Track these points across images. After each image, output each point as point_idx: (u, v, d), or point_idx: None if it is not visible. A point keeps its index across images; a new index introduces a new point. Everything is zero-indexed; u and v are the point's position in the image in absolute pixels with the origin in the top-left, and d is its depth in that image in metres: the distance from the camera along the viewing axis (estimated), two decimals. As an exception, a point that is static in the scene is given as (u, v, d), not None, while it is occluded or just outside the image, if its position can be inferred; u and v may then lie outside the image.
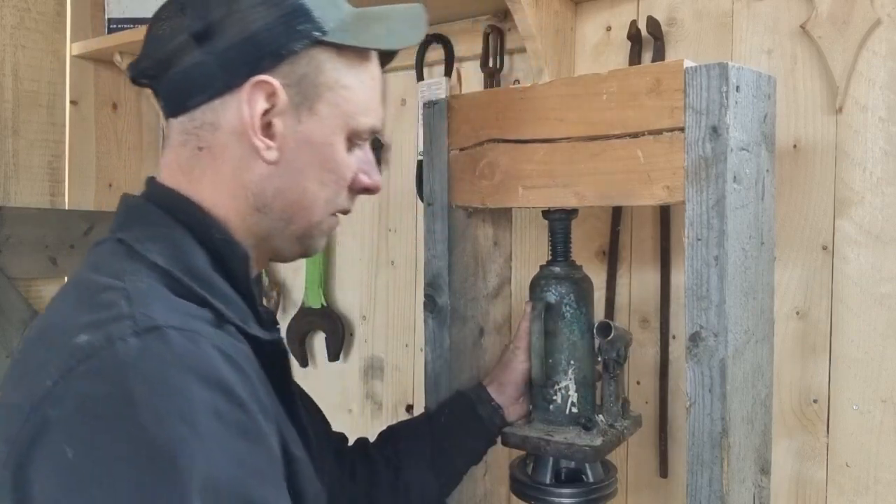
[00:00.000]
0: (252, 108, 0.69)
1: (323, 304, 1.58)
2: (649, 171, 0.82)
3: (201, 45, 0.69)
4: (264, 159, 0.70)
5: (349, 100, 0.72)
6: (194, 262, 0.67)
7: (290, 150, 0.71)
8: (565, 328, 0.96)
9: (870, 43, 0.98)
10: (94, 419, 0.53)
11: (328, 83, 0.71)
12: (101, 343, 0.55)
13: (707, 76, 0.77)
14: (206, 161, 0.71)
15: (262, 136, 0.70)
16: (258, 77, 0.68)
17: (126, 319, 0.57)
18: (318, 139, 0.72)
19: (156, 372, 0.54)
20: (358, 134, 0.74)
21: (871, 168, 0.98)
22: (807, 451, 1.04)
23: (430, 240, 1.03)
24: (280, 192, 0.72)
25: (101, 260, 0.68)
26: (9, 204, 1.61)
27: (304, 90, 0.70)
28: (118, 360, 0.54)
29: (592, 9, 1.22)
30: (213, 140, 0.71)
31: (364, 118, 0.74)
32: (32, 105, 1.67)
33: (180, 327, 0.58)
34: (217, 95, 0.70)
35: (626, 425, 0.96)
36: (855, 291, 1.00)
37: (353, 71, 0.73)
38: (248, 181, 0.71)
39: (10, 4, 1.62)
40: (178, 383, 0.54)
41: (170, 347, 0.56)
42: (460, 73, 1.38)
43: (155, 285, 0.63)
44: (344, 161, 0.74)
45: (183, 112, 0.72)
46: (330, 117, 0.72)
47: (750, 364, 0.83)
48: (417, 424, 0.99)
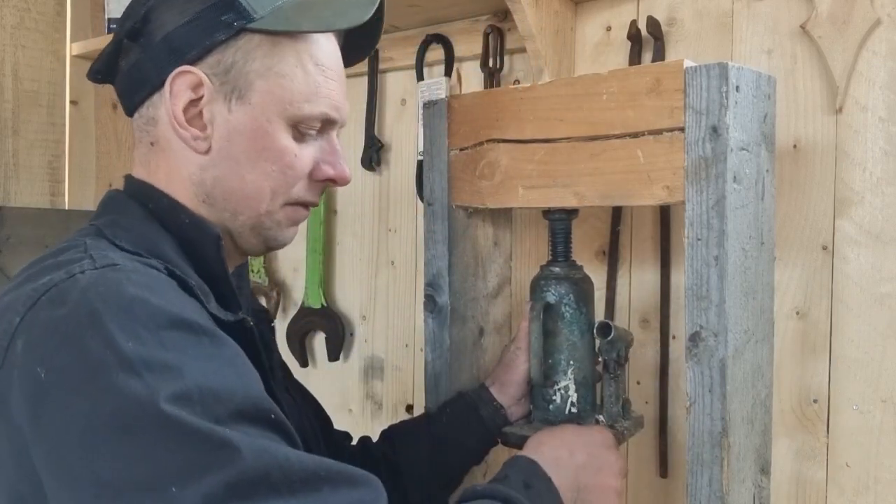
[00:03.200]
0: (175, 98, 0.69)
1: (323, 304, 1.58)
2: (649, 171, 0.82)
3: (137, 42, 0.71)
4: (194, 149, 0.71)
5: (286, 87, 0.71)
6: (161, 247, 0.68)
7: (221, 139, 0.71)
8: (565, 328, 0.96)
9: (870, 43, 0.98)
10: (61, 338, 0.55)
11: (259, 70, 0.70)
12: (61, 278, 0.59)
13: (707, 76, 0.77)
14: (158, 155, 0.73)
15: (188, 126, 0.70)
16: (179, 68, 0.69)
17: (85, 260, 0.61)
18: (250, 128, 0.71)
19: (113, 290, 0.57)
20: (303, 122, 0.72)
21: (871, 168, 0.98)
22: (807, 451, 1.03)
23: (430, 240, 1.03)
24: (219, 182, 0.72)
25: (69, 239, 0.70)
26: (9, 204, 1.62)
27: (232, 79, 0.70)
28: (77, 286, 0.57)
29: (592, 9, 1.22)
30: (158, 134, 0.72)
31: (307, 105, 0.72)
32: (32, 105, 1.67)
33: (135, 268, 0.61)
34: (154, 91, 0.71)
35: (626, 426, 0.96)
36: (855, 291, 1.00)
37: (290, 57, 0.71)
38: (189, 173, 0.72)
39: (10, 4, 1.62)
40: (135, 294, 0.57)
41: (126, 275, 0.59)
42: (460, 73, 1.38)
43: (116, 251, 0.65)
44: (287, 150, 0.72)
45: (134, 110, 0.74)
46: (263, 104, 0.70)
47: (750, 364, 0.83)
48: (418, 425, 0.99)
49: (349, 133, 1.56)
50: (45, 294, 0.58)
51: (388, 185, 1.50)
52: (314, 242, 1.57)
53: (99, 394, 0.53)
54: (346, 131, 1.56)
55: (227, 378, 0.57)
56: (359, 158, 1.50)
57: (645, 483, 1.17)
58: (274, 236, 0.77)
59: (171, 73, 0.69)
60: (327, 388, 1.58)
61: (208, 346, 0.58)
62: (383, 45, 1.45)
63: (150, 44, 0.70)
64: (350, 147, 1.55)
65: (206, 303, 0.67)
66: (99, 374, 0.53)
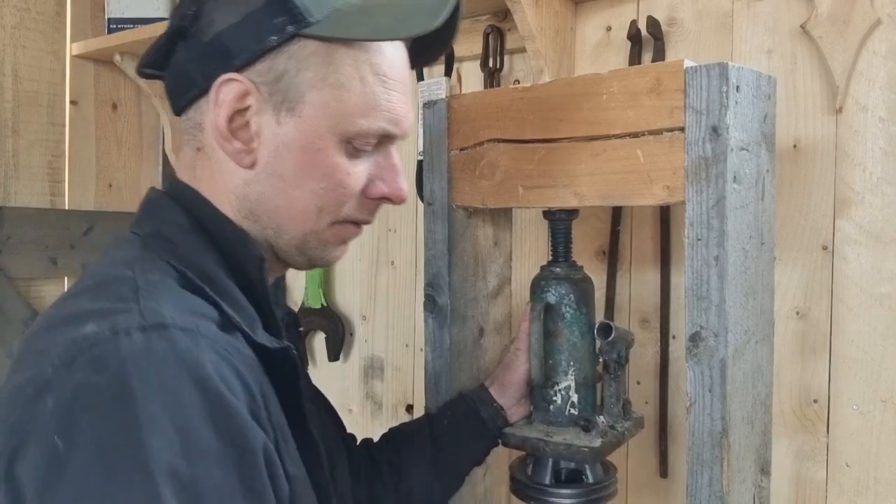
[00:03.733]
0: (219, 109, 0.64)
1: (323, 304, 1.58)
2: (649, 171, 0.82)
3: (185, 41, 0.66)
4: (239, 164, 0.66)
5: (341, 100, 0.65)
6: (205, 263, 0.64)
7: (269, 154, 0.66)
8: (565, 329, 0.96)
9: (870, 43, 0.98)
10: (90, 414, 0.51)
11: (312, 81, 0.64)
12: (105, 334, 0.54)
13: (707, 76, 0.77)
14: (203, 161, 0.69)
15: (233, 138, 0.65)
16: (226, 76, 0.64)
17: (133, 312, 0.55)
18: (300, 143, 0.65)
19: (155, 372, 0.53)
20: (358, 137, 0.67)
21: (871, 168, 0.98)
22: (807, 451, 1.03)
23: (430, 240, 1.03)
24: (264, 199, 0.67)
25: (115, 252, 0.67)
26: (9, 204, 1.61)
27: (283, 88, 0.64)
28: (119, 355, 0.53)
29: (592, 9, 1.22)
30: (204, 141, 0.68)
31: (363, 120, 0.66)
32: (32, 105, 1.67)
33: (185, 327, 0.56)
34: (201, 95, 0.66)
35: (626, 426, 0.96)
36: (855, 291, 1.00)
37: (348, 66, 0.65)
38: (233, 186, 0.68)
39: (10, 4, 1.62)
40: (174, 385, 0.53)
41: (172, 347, 0.54)
42: (460, 73, 1.38)
43: (165, 279, 0.61)
44: (338, 167, 0.67)
45: (181, 111, 0.70)
46: (315, 118, 0.65)
47: (750, 364, 0.83)
48: (419, 427, 0.99)
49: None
50: (86, 352, 0.53)
51: (388, 185, 1.50)
52: (314, 242, 1.57)
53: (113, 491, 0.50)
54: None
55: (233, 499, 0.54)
56: (359, 158, 1.50)
57: (645, 483, 1.17)
58: (320, 255, 0.72)
59: (217, 81, 0.64)
60: (327, 388, 1.57)
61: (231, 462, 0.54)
62: (383, 45, 1.45)
63: (197, 44, 0.65)
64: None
65: (254, 333, 0.64)
66: (117, 469, 0.50)
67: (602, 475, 0.96)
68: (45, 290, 1.66)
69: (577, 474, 0.96)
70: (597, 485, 0.95)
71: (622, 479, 1.11)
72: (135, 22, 1.60)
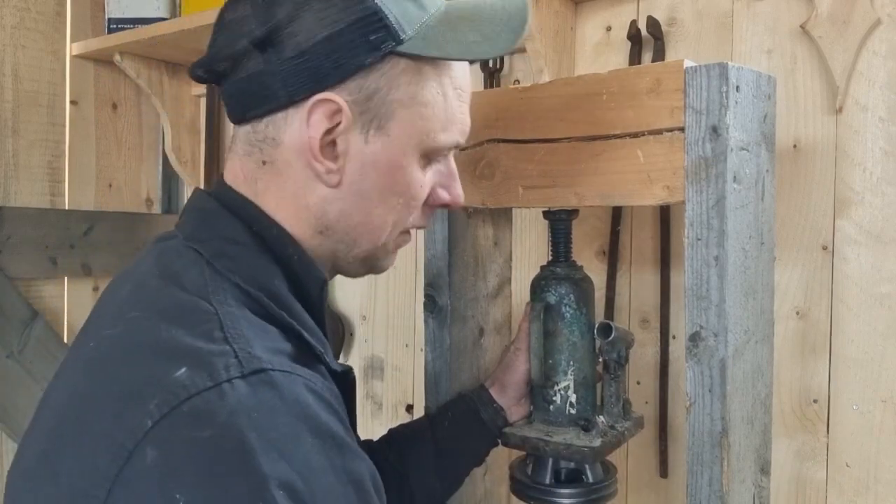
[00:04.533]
0: (312, 129, 0.63)
1: (323, 304, 1.57)
2: (649, 171, 0.82)
3: (264, 52, 0.62)
4: (325, 183, 0.65)
5: (427, 117, 0.65)
6: (273, 285, 0.62)
7: (354, 172, 0.65)
8: (565, 329, 0.96)
9: (870, 43, 0.98)
10: (207, 470, 0.49)
11: (402, 100, 0.64)
12: (204, 383, 0.51)
13: (707, 76, 0.77)
14: (270, 176, 0.66)
15: (322, 158, 0.64)
16: (321, 95, 0.62)
17: (229, 357, 0.53)
18: (385, 162, 0.65)
19: (267, 420, 0.51)
20: (436, 151, 0.68)
21: (871, 168, 0.98)
22: (807, 451, 1.03)
23: (430, 240, 1.03)
24: (344, 216, 0.66)
25: (176, 267, 0.63)
26: (9, 204, 1.61)
27: (374, 107, 0.63)
28: (228, 406, 0.51)
29: (592, 9, 1.22)
30: (276, 156, 0.65)
31: (443, 135, 0.67)
32: (32, 105, 1.67)
33: (283, 370, 0.55)
34: (279, 109, 0.64)
35: (626, 426, 0.96)
36: (855, 291, 1.00)
37: (433, 82, 0.65)
38: (310, 203, 0.66)
39: (10, 4, 1.62)
40: (290, 432, 0.52)
41: (278, 393, 0.53)
42: (460, 73, 1.38)
43: (243, 310, 0.59)
44: (417, 182, 0.67)
45: (246, 121, 0.67)
46: (402, 137, 0.64)
47: (750, 364, 0.83)
48: (420, 428, 0.99)
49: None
50: (185, 402, 0.50)
51: (388, 185, 1.50)
52: (314, 242, 1.57)
53: None
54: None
55: None
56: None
57: (645, 483, 1.17)
58: (382, 265, 0.73)
59: (311, 100, 0.62)
60: (327, 388, 1.58)
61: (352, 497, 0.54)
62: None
63: (279, 57, 0.62)
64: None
65: (327, 358, 0.63)
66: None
67: (602, 475, 0.96)
68: (44, 290, 1.66)
69: (577, 474, 0.96)
70: (597, 485, 0.95)
71: (622, 479, 1.11)
72: (135, 22, 1.60)
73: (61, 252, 1.67)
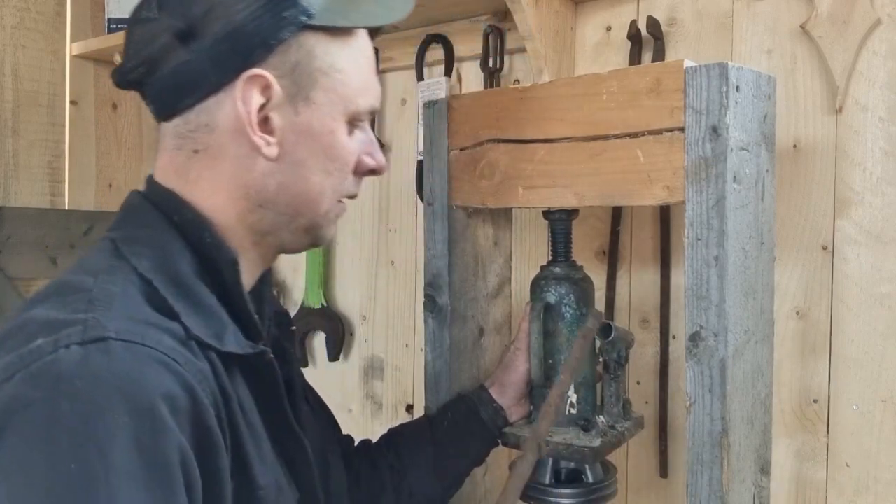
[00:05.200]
0: (248, 105, 0.66)
1: (323, 304, 1.57)
2: (649, 171, 0.82)
3: (186, 43, 0.66)
4: (265, 156, 0.68)
5: (345, 83, 0.70)
6: (179, 267, 0.65)
7: (290, 144, 0.69)
8: (565, 328, 0.96)
9: (870, 43, 0.98)
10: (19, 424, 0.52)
11: (322, 68, 0.69)
12: (48, 350, 0.55)
13: (707, 76, 0.77)
14: (204, 163, 0.69)
15: (260, 132, 0.68)
16: (250, 71, 0.66)
17: (78, 325, 0.56)
18: (317, 128, 0.69)
19: (86, 391, 0.53)
20: (358, 115, 0.72)
21: (871, 168, 0.98)
22: (807, 451, 1.03)
23: (430, 240, 1.03)
24: (284, 187, 0.70)
25: (88, 257, 0.67)
26: (9, 204, 1.61)
27: (298, 79, 0.68)
28: (56, 372, 0.54)
29: (592, 9, 1.22)
30: (210, 141, 0.69)
31: (362, 99, 0.72)
32: (32, 105, 1.67)
33: (127, 339, 0.57)
34: (209, 95, 0.67)
35: (626, 426, 0.96)
36: (855, 291, 1.00)
37: (345, 52, 0.70)
38: (248, 180, 0.69)
39: (10, 4, 1.62)
40: (104, 404, 0.53)
41: (108, 363, 0.55)
42: (460, 73, 1.38)
43: (127, 289, 0.62)
44: (346, 146, 0.72)
45: (175, 115, 0.70)
46: (328, 104, 0.69)
47: (750, 364, 0.83)
48: (419, 428, 0.99)
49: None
50: (26, 367, 0.54)
51: (388, 185, 1.50)
52: (314, 242, 1.57)
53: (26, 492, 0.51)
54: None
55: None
56: (359, 158, 1.50)
57: (645, 483, 1.17)
58: (323, 235, 0.76)
59: (242, 77, 0.66)
60: (327, 388, 1.57)
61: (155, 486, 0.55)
62: (383, 45, 1.45)
63: (203, 45, 0.66)
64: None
65: (222, 341, 0.64)
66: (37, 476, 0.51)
67: (602, 475, 0.96)
68: (45, 290, 1.66)
69: (577, 474, 0.96)
70: (597, 485, 0.95)
71: (622, 479, 1.11)
72: (135, 22, 1.60)
73: (61, 252, 1.67)
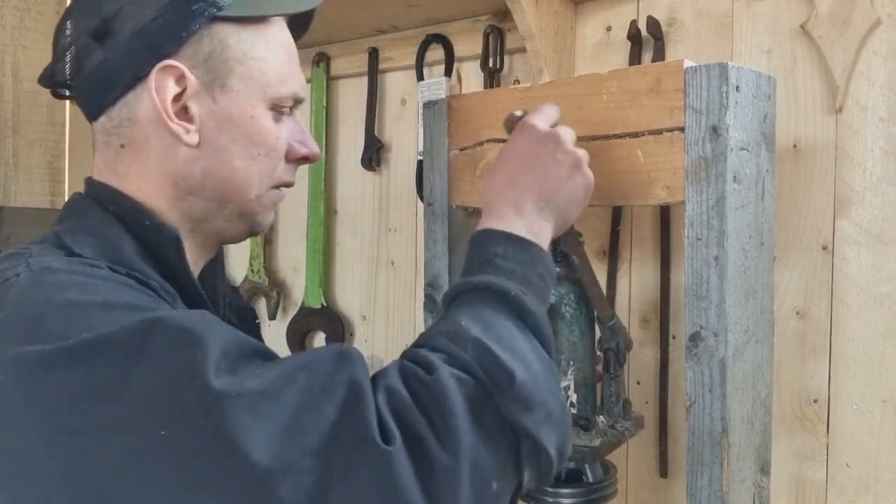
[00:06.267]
0: (162, 95, 0.69)
1: (323, 304, 1.58)
2: (649, 171, 0.82)
3: (102, 42, 0.69)
4: (186, 143, 0.70)
5: (263, 70, 0.72)
6: (122, 250, 0.68)
7: (210, 131, 0.71)
8: (565, 328, 0.96)
9: (870, 43, 0.98)
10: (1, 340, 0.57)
11: (236, 57, 0.71)
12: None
13: (707, 76, 0.77)
14: (130, 156, 0.72)
15: (178, 120, 0.70)
16: (162, 63, 0.68)
17: (21, 265, 0.62)
18: (237, 114, 0.71)
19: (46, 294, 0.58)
20: (280, 102, 0.74)
21: (871, 168, 0.98)
22: (807, 451, 1.04)
23: (430, 240, 1.03)
24: (209, 173, 0.72)
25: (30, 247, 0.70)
26: (9, 204, 1.62)
27: (212, 68, 0.70)
28: (14, 291, 0.59)
29: (592, 9, 1.22)
30: (133, 135, 0.71)
31: (282, 86, 0.74)
32: (32, 105, 1.67)
33: (70, 270, 0.61)
34: (128, 90, 0.70)
35: (626, 426, 0.96)
36: (855, 291, 1.00)
37: (260, 41, 0.73)
38: (173, 168, 0.71)
39: (10, 4, 1.62)
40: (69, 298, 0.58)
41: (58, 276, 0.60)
42: (460, 73, 1.38)
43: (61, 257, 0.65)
44: (271, 132, 0.74)
45: (100, 113, 0.72)
46: (245, 91, 0.71)
47: (750, 364, 0.83)
48: None
49: (349, 133, 1.56)
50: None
51: (388, 185, 1.50)
52: (314, 242, 1.57)
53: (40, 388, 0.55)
54: (346, 131, 1.56)
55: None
56: (359, 158, 1.50)
57: (645, 483, 1.17)
58: (260, 221, 0.77)
59: (154, 69, 0.68)
60: (327, 388, 1.58)
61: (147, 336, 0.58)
62: (383, 46, 1.46)
63: (117, 42, 0.69)
64: (350, 147, 1.55)
65: (172, 304, 0.67)
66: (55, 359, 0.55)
67: (602, 475, 0.96)
68: (45, 290, 1.66)
69: (577, 474, 0.96)
70: (597, 484, 0.95)
71: (622, 479, 1.11)
72: (135, 22, 1.60)
73: (61, 252, 1.67)
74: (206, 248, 0.78)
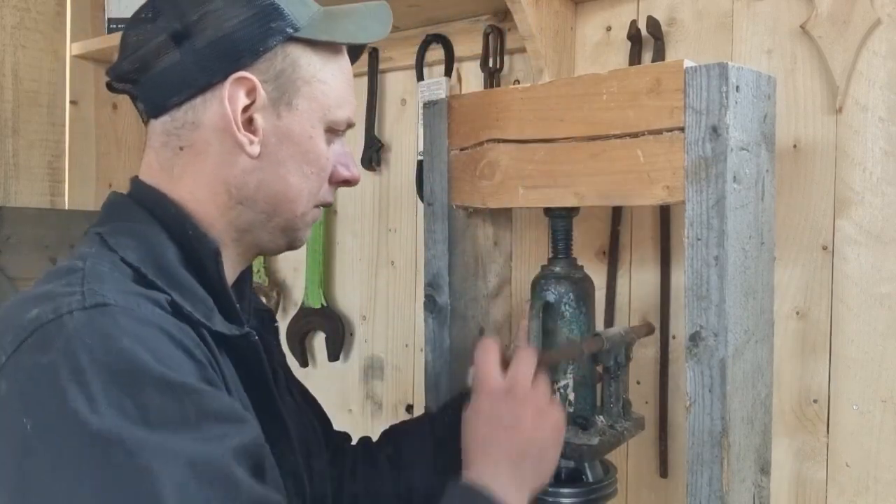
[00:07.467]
0: (234, 104, 0.71)
1: (323, 304, 1.58)
2: (649, 171, 0.82)
3: (180, 45, 0.71)
4: (248, 154, 0.72)
5: (326, 93, 0.75)
6: (164, 257, 0.69)
7: (271, 145, 0.73)
8: (564, 327, 0.96)
9: (870, 43, 0.98)
10: (48, 387, 0.55)
11: (305, 78, 0.74)
12: (48, 316, 0.58)
13: (707, 76, 0.77)
14: (188, 159, 0.73)
15: (244, 131, 0.72)
16: (238, 74, 0.70)
17: (75, 295, 0.60)
18: (297, 132, 0.74)
19: (98, 343, 0.56)
20: (335, 125, 0.77)
21: (871, 168, 0.98)
22: (807, 451, 1.03)
23: (430, 240, 1.03)
24: (263, 185, 0.74)
25: (76, 249, 0.71)
26: (9, 204, 1.62)
27: (281, 85, 0.73)
28: (65, 334, 0.57)
29: (592, 9, 1.22)
30: (195, 138, 0.73)
31: (340, 111, 0.77)
32: (32, 105, 1.67)
33: (125, 307, 0.60)
34: (197, 94, 0.72)
35: (626, 426, 0.96)
36: (855, 291, 1.00)
37: (327, 65, 0.76)
38: (230, 176, 0.73)
39: (10, 4, 1.62)
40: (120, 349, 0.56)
41: (114, 321, 0.58)
42: (460, 73, 1.38)
43: (114, 271, 0.65)
44: (324, 153, 0.77)
45: (163, 112, 0.73)
46: (308, 111, 0.74)
47: (750, 364, 0.83)
48: (420, 424, 0.99)
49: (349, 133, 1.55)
50: (30, 336, 0.57)
51: (388, 185, 1.50)
52: (314, 242, 1.57)
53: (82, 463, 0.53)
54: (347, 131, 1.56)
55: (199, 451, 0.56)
56: (359, 158, 1.50)
57: (645, 483, 1.17)
58: (300, 237, 0.80)
59: (230, 78, 0.70)
60: (327, 388, 1.58)
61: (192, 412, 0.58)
62: (383, 45, 1.45)
63: (195, 47, 0.71)
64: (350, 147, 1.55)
65: (210, 321, 0.68)
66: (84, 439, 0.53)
67: (602, 475, 0.96)
68: (45, 289, 1.66)
69: (576, 474, 0.96)
70: (597, 484, 0.95)
71: (622, 479, 1.11)
72: (135, 22, 1.60)
73: (61, 252, 1.67)
74: (245, 258, 0.80)
